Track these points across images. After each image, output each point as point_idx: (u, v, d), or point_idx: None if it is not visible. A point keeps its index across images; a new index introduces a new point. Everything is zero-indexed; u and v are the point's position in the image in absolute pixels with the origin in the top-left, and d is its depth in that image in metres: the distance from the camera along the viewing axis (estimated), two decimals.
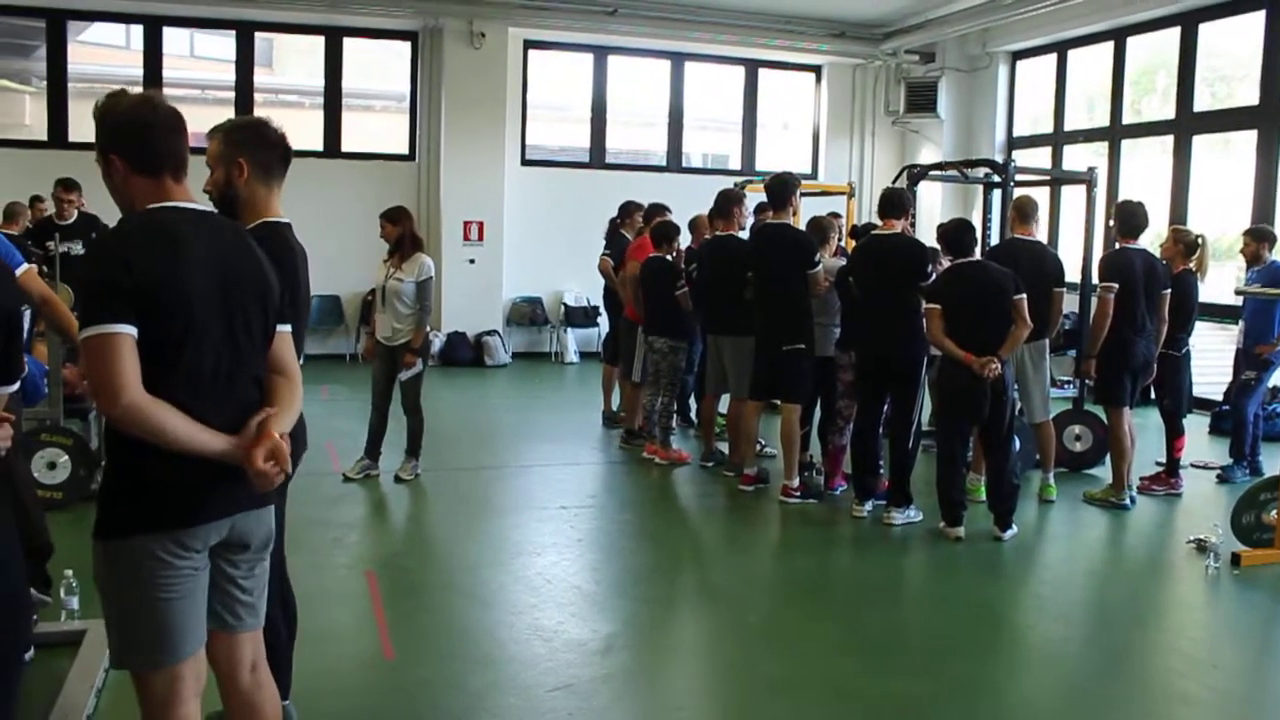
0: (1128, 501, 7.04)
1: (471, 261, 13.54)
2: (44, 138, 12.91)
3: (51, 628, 4.36)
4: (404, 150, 14.05)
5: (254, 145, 3.19)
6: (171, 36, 13.45)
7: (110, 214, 2.59)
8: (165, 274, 2.38)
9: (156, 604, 2.44)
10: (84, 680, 3.94)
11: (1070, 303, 7.86)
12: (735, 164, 15.25)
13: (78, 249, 8.07)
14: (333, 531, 6.19)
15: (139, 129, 2.48)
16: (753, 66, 15.19)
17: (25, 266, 4.37)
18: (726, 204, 7.66)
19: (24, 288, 4.07)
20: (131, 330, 2.32)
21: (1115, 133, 12.41)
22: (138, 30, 13.30)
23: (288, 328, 2.73)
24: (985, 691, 4.36)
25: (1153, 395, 7.81)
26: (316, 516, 6.33)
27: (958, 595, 5.56)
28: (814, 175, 15.16)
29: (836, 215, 8.15)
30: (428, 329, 7.12)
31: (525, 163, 14.29)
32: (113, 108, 2.51)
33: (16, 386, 2.29)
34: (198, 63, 14.58)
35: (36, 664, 4.03)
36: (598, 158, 14.76)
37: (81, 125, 12.65)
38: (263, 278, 2.61)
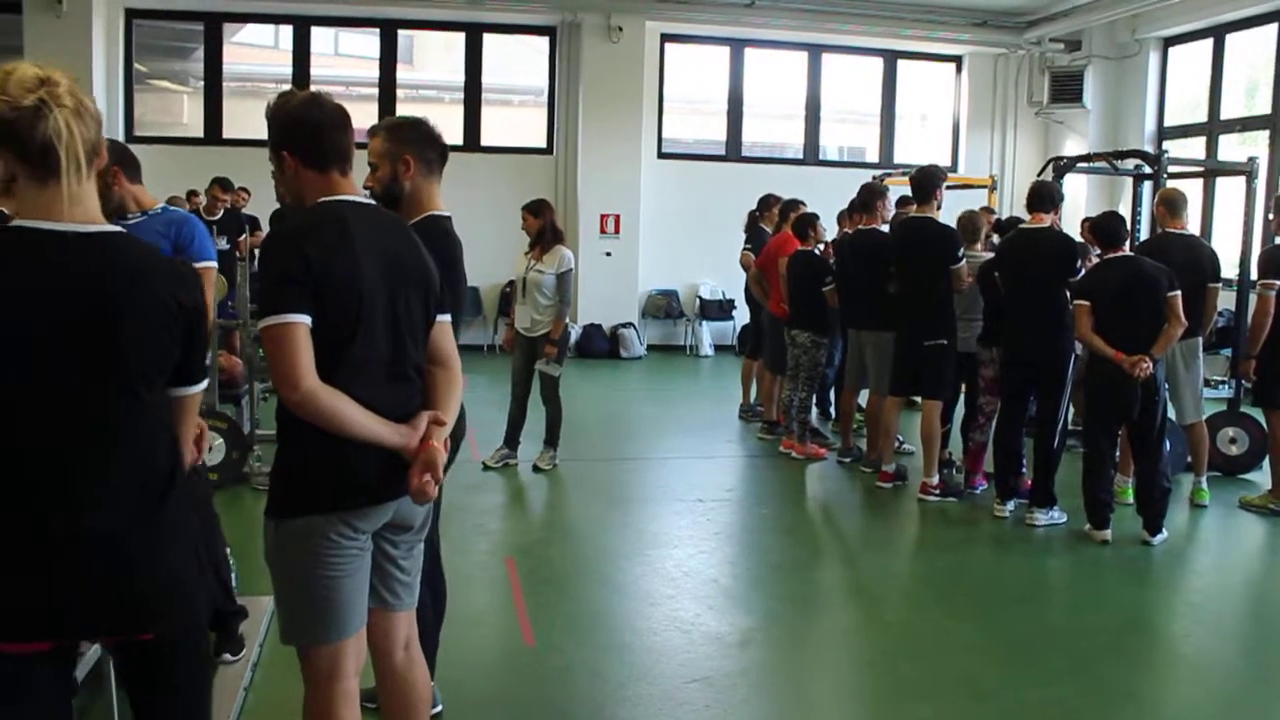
0: None
1: (608, 254, 13.64)
2: (200, 135, 13.43)
3: None
4: (542, 144, 14.23)
5: (418, 142, 3.30)
6: (318, 36, 13.89)
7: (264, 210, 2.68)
8: (339, 265, 2.46)
9: (324, 582, 2.53)
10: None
11: (1225, 300, 7.56)
12: (873, 157, 15.05)
13: (222, 245, 8.37)
14: (473, 518, 6.33)
15: (308, 127, 2.57)
16: (891, 58, 14.96)
17: (209, 264, 4.13)
18: (870, 197, 7.58)
19: None
20: (306, 320, 2.40)
21: (1277, 121, 11.85)
22: (287, 31, 13.78)
23: (448, 317, 2.79)
24: (1132, 700, 4.23)
25: None
26: (458, 503, 6.43)
27: (1103, 600, 5.39)
28: (954, 168, 14.81)
29: (991, 210, 7.93)
30: (566, 321, 7.20)
31: (661, 156, 14.32)
32: (283, 106, 2.60)
33: (204, 385, 2.34)
34: (342, 60, 14.98)
35: None
36: (734, 151, 14.73)
37: (235, 123, 13.21)
38: (424, 268, 2.67)
